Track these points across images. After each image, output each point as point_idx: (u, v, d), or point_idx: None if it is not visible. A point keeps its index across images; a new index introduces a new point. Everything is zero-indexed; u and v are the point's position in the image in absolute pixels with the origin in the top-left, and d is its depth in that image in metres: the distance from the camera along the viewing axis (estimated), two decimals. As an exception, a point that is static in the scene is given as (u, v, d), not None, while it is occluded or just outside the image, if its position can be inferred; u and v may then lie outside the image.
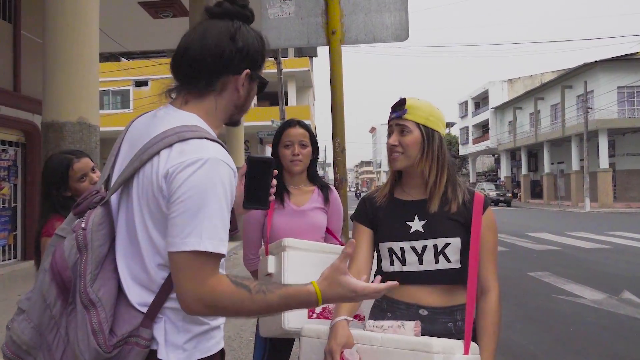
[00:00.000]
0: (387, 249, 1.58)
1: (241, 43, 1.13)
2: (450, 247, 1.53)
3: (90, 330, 1.01)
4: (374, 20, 2.57)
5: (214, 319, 1.14)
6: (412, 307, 1.54)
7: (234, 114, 1.21)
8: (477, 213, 1.55)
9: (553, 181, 31.34)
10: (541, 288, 6.55)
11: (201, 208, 1.00)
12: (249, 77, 1.16)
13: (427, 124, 1.56)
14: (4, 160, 7.99)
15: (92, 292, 1.03)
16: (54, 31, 4.11)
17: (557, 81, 31.18)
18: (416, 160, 1.56)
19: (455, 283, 1.55)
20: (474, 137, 46.32)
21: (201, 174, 1.01)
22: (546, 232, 13.45)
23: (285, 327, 1.75)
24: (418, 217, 1.57)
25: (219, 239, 1.02)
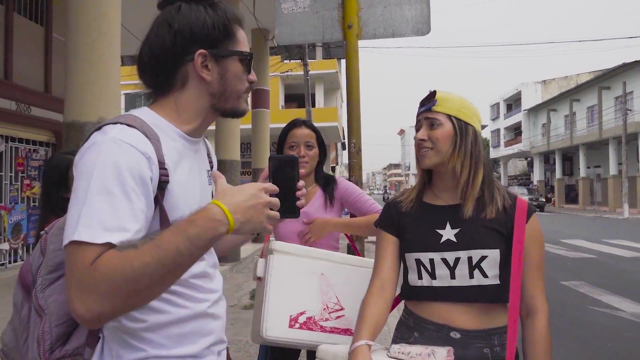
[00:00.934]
0: (415, 260, 1.39)
1: (178, 25, 1.00)
2: (488, 260, 1.33)
3: (35, 338, 0.94)
4: (393, 13, 2.42)
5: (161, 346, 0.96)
6: (442, 328, 1.35)
7: (216, 104, 1.05)
8: (519, 221, 1.35)
9: (589, 186, 30.26)
10: (576, 299, 6.22)
11: (85, 193, 0.84)
12: (212, 57, 1.01)
13: (460, 116, 1.38)
14: (35, 160, 8.18)
15: (42, 297, 0.96)
16: (75, 31, 4.13)
17: (594, 82, 30.10)
18: (447, 157, 1.37)
19: (492, 302, 1.35)
20: (505, 140, 45.27)
21: (90, 155, 0.88)
22: (581, 239, 12.90)
23: (263, 335, 1.63)
24: (450, 225, 1.37)
25: (101, 227, 0.82)
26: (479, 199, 1.38)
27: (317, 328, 1.68)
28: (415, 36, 2.38)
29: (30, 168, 8.08)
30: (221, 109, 1.06)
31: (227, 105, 1.06)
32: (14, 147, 7.73)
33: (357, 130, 2.40)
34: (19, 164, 7.84)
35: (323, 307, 1.70)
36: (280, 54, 20.79)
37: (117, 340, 0.95)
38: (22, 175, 7.88)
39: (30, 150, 8.08)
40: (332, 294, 1.73)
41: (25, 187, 7.94)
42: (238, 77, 1.05)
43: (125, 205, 0.85)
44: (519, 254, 1.32)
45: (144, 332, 0.95)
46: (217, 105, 1.06)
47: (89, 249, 0.81)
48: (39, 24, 8.24)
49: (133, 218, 0.86)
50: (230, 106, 1.06)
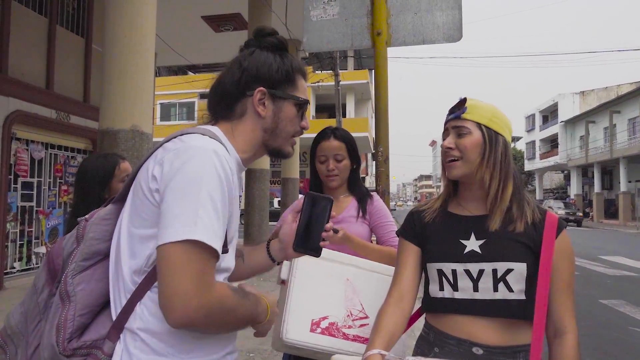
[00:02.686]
0: (437, 270, 1.34)
1: (247, 63, 1.12)
2: (514, 273, 1.27)
3: (54, 325, 0.95)
4: (423, 20, 2.38)
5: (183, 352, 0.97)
6: (464, 343, 1.29)
7: (266, 140, 1.14)
8: (549, 236, 1.29)
9: (630, 200, 29.05)
10: (616, 318, 5.93)
11: (195, 196, 0.91)
12: (270, 96, 1.12)
13: (490, 125, 1.32)
14: (73, 167, 8.45)
15: (71, 283, 0.97)
16: (112, 41, 4.26)
17: (636, 93, 29.01)
18: (475, 167, 1.32)
19: (517, 318, 1.28)
20: (541, 152, 44.08)
21: (196, 161, 0.94)
22: (621, 256, 12.34)
23: (283, 338, 1.58)
24: (475, 236, 1.32)
25: (214, 233, 0.91)
26: (507, 212, 1.33)
27: (339, 335, 1.62)
28: (446, 43, 2.33)
29: (68, 174, 8.35)
30: (270, 145, 1.15)
31: (275, 143, 1.15)
32: (53, 154, 8.01)
33: (385, 138, 2.36)
34: (57, 170, 8.12)
35: (347, 314, 1.65)
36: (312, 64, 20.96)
37: (139, 343, 0.95)
38: (60, 181, 8.15)
39: (69, 157, 8.36)
40: (357, 301, 1.68)
41: (62, 193, 8.20)
42: (290, 119, 1.15)
43: (223, 215, 0.96)
44: (547, 269, 1.25)
45: (168, 336, 0.96)
46: (268, 142, 1.15)
47: (211, 254, 0.92)
48: (80, 35, 8.55)
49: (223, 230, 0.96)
50: (278, 145, 1.16)
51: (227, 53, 12.62)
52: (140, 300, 0.96)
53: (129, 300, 0.96)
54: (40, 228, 7.71)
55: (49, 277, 1.04)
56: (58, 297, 0.98)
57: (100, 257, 1.02)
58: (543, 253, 1.27)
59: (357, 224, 1.98)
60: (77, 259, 1.00)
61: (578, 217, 29.41)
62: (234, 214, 1.05)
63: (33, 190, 7.63)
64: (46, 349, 0.94)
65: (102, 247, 1.03)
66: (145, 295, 0.96)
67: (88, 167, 2.14)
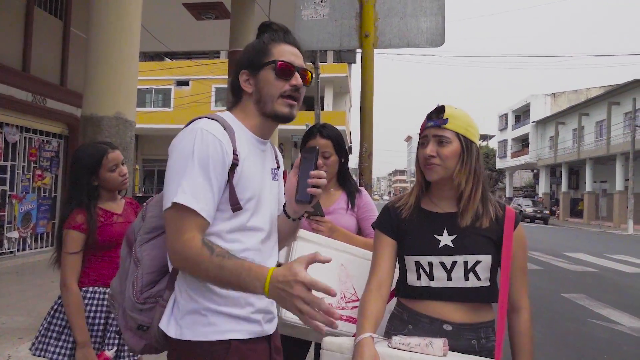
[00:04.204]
0: (414, 262, 1.50)
1: (239, 57, 1.35)
2: (481, 264, 1.46)
3: (131, 282, 1.24)
4: (409, 24, 2.51)
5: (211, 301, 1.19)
6: (436, 321, 1.47)
7: (260, 109, 1.29)
8: (508, 229, 1.48)
9: (594, 200, 30.15)
10: (575, 311, 6.27)
11: (182, 168, 1.13)
12: (251, 74, 1.29)
13: (466, 135, 1.49)
14: (48, 151, 8.32)
15: (139, 251, 1.25)
16: (97, 27, 4.24)
17: (604, 97, 30.03)
18: (453, 172, 1.48)
19: (484, 301, 1.49)
20: (512, 151, 45.15)
21: (184, 139, 1.17)
22: (584, 253, 12.89)
23: (282, 316, 1.71)
24: (447, 231, 1.49)
25: (193, 197, 1.12)
26: (475, 210, 1.50)
27: None
28: (429, 47, 2.46)
29: (43, 159, 8.22)
30: (265, 112, 1.30)
31: (266, 108, 1.29)
32: (28, 138, 7.88)
33: (369, 135, 2.49)
34: (32, 154, 7.99)
35: (340, 297, 1.79)
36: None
37: (182, 291, 1.20)
38: (34, 166, 8.02)
39: (44, 141, 8.22)
40: (350, 284, 1.82)
41: (36, 178, 8.08)
42: (270, 82, 1.27)
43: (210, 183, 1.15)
44: (508, 258, 1.45)
45: (203, 287, 1.19)
46: (262, 110, 1.30)
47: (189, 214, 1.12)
48: (59, 17, 8.39)
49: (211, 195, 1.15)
50: (269, 109, 1.28)
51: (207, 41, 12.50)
52: None
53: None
54: (13, 212, 7.59)
55: (128, 249, 1.32)
56: (132, 262, 1.26)
57: (160, 231, 1.26)
58: (505, 245, 1.47)
59: (346, 215, 2.11)
60: (141, 233, 1.28)
61: (545, 215, 30.33)
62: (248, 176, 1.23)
63: (6, 174, 7.49)
64: (128, 300, 1.24)
65: (160, 223, 1.26)
66: None
67: (79, 156, 2.19)
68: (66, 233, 2.02)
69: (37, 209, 8.09)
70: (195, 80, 24.06)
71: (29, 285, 5.96)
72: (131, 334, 1.28)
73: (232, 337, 1.17)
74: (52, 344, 2.05)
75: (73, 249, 2.00)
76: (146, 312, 1.22)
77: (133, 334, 1.27)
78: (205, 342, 1.16)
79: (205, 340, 1.16)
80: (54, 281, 6.04)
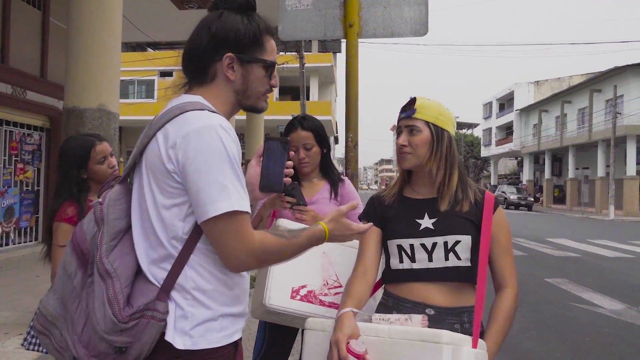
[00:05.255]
0: (397, 246, 1.56)
1: (214, 28, 1.17)
2: (461, 244, 1.51)
3: (105, 300, 1.05)
4: (392, 14, 2.52)
5: (224, 305, 1.14)
6: (418, 305, 1.51)
7: (239, 100, 1.23)
8: (487, 212, 1.54)
9: (577, 187, 30.67)
10: (558, 295, 6.41)
11: (219, 171, 1.05)
12: (238, 60, 1.18)
13: (437, 123, 1.55)
14: (29, 145, 8.18)
15: (108, 262, 1.08)
16: (78, 18, 4.17)
17: (586, 84, 30.43)
18: (425, 160, 1.55)
19: (464, 281, 1.53)
20: (497, 139, 45.63)
21: (208, 140, 1.05)
22: (566, 239, 13.15)
23: (266, 303, 1.74)
24: (428, 215, 1.55)
25: (242, 199, 1.07)
26: (454, 194, 1.56)
27: (316, 301, 1.79)
28: (413, 37, 2.48)
29: (24, 152, 8.09)
30: (243, 104, 1.25)
31: (247, 102, 1.25)
32: (8, 131, 7.73)
33: (355, 125, 2.51)
34: (13, 147, 7.85)
35: (323, 283, 1.82)
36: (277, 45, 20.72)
37: (191, 301, 1.10)
38: (15, 159, 7.89)
39: (25, 134, 8.08)
40: (332, 271, 1.85)
41: (18, 171, 7.95)
42: (259, 80, 1.23)
43: (243, 180, 1.11)
44: (487, 239, 1.51)
45: (214, 292, 1.12)
46: (241, 101, 1.24)
47: (246, 216, 1.08)
48: (37, 7, 8.21)
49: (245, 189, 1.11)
50: (250, 103, 1.25)
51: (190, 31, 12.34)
52: (186, 263, 1.10)
53: (175, 264, 1.09)
54: (-5, 207, 7.48)
55: (79, 262, 1.13)
56: (98, 277, 1.07)
57: (123, 233, 1.14)
58: (484, 226, 1.52)
59: (330, 205, 2.13)
60: (105, 240, 1.10)
61: (529, 201, 30.80)
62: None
63: (-13, 168, 7.37)
64: (102, 322, 1.04)
65: (123, 224, 1.14)
66: (189, 258, 1.10)
67: (66, 149, 2.17)
68: (57, 226, 2.02)
69: (19, 203, 7.98)
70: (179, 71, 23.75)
71: (14, 280, 5.90)
72: None
73: (236, 337, 1.16)
74: None
75: (64, 241, 1.99)
76: (128, 331, 1.05)
77: None
78: (219, 347, 1.11)
79: (219, 346, 1.11)
80: (39, 275, 5.98)
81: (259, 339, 2.15)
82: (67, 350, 1.12)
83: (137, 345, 1.06)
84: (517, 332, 4.58)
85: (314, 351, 1.47)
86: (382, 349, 1.31)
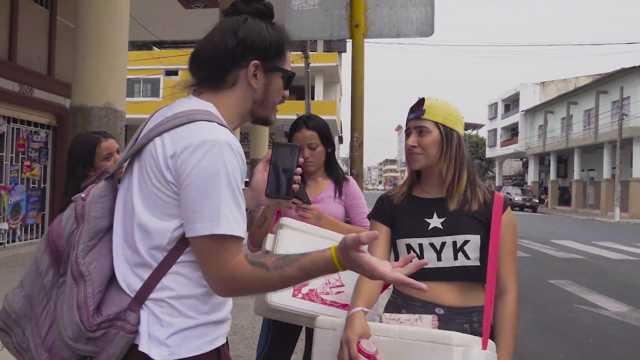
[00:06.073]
0: (405, 245, 1.57)
1: (242, 34, 1.12)
2: (470, 244, 1.51)
3: (75, 304, 0.98)
4: (398, 14, 2.53)
5: (205, 313, 1.07)
6: (428, 305, 1.52)
7: (254, 109, 1.18)
8: (497, 212, 1.54)
9: (582, 188, 30.53)
10: (562, 297, 6.40)
11: (215, 191, 0.98)
12: (262, 69, 1.14)
13: (446, 123, 1.55)
14: (36, 142, 8.24)
15: (83, 264, 1.01)
16: (85, 16, 4.20)
17: (592, 86, 30.27)
18: (435, 160, 1.55)
19: (473, 281, 1.53)
20: (502, 140, 45.46)
21: (211, 156, 0.99)
22: (571, 240, 13.10)
23: (268, 301, 1.75)
24: (437, 215, 1.55)
25: (235, 222, 1.00)
26: (463, 194, 1.56)
27: (318, 300, 1.80)
28: (418, 37, 2.49)
29: (31, 150, 8.14)
30: (257, 114, 1.20)
31: (263, 112, 1.20)
32: (16, 129, 7.79)
33: (360, 125, 2.52)
34: (20, 145, 7.91)
35: (325, 282, 1.83)
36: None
37: (167, 309, 1.02)
38: (22, 157, 7.94)
39: (32, 132, 8.14)
40: None
41: (25, 169, 8.01)
42: (278, 90, 1.20)
43: (242, 203, 1.03)
44: (496, 239, 1.50)
45: (194, 300, 1.05)
46: (255, 111, 1.19)
47: (233, 241, 1.00)
48: (44, 6, 8.26)
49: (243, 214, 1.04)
50: (265, 114, 1.21)
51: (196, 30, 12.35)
52: (166, 273, 1.03)
53: (152, 274, 1.02)
54: (2, 204, 7.53)
55: (52, 259, 1.07)
56: (71, 278, 1.00)
57: (103, 233, 1.07)
58: (493, 226, 1.52)
59: (334, 203, 2.15)
60: (83, 239, 1.03)
61: (534, 203, 30.67)
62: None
63: (-5, 165, 7.43)
64: (69, 327, 0.98)
65: (104, 224, 1.07)
66: (171, 269, 1.03)
67: (74, 146, 2.19)
68: None
69: (26, 200, 8.03)
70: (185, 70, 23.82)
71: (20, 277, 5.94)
72: None
73: (219, 343, 1.09)
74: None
75: None
76: (94, 340, 0.98)
77: None
78: (199, 355, 1.04)
79: (200, 353, 1.04)
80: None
81: (263, 334, 2.17)
82: (28, 351, 1.06)
83: (102, 356, 1.00)
84: (520, 333, 4.55)
85: (324, 350, 1.48)
86: (392, 349, 1.32)
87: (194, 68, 1.18)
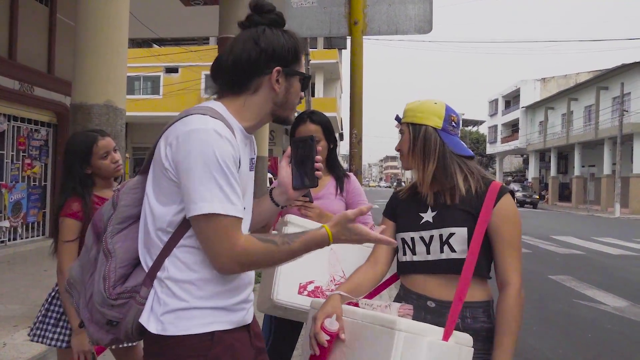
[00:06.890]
0: (401, 239, 1.61)
1: (264, 44, 1.23)
2: (456, 237, 1.49)
3: (102, 276, 1.17)
4: (397, 11, 2.54)
5: (200, 298, 1.16)
6: (422, 298, 1.55)
7: (275, 111, 1.29)
8: (487, 203, 1.49)
9: (583, 184, 30.53)
10: (562, 292, 6.42)
11: (206, 174, 1.09)
12: (284, 74, 1.25)
13: (414, 121, 1.58)
14: (36, 140, 8.26)
15: (110, 242, 1.19)
16: (85, 14, 4.20)
17: (593, 82, 30.23)
18: (410, 158, 1.60)
19: (458, 273, 1.48)
20: (502, 136, 45.42)
21: (198, 142, 1.10)
22: (571, 236, 13.13)
23: (274, 299, 1.77)
24: (431, 209, 1.58)
25: (228, 202, 1.11)
26: (454, 186, 1.54)
27: (323, 297, 1.82)
28: (417, 34, 2.50)
29: (32, 148, 8.16)
30: (278, 115, 1.31)
31: (284, 113, 1.32)
32: (16, 127, 7.81)
33: (359, 121, 2.53)
34: (21, 143, 7.93)
35: (330, 279, 1.85)
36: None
37: (165, 290, 1.16)
38: (23, 155, 7.97)
39: (32, 130, 8.16)
40: (339, 268, 1.88)
41: (26, 167, 8.03)
42: (297, 93, 1.31)
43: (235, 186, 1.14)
44: (481, 231, 1.47)
45: (189, 285, 1.16)
46: (276, 112, 1.30)
47: (233, 220, 1.11)
48: (44, 4, 8.27)
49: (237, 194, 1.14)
50: (286, 114, 1.33)
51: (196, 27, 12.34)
52: (168, 255, 1.16)
53: (159, 255, 1.17)
54: (3, 202, 7.56)
55: (95, 238, 1.27)
56: (102, 254, 1.20)
57: (132, 220, 1.23)
58: (480, 217, 1.48)
59: (336, 200, 2.16)
60: (113, 223, 1.22)
61: (534, 199, 30.68)
62: (241, 173, 1.19)
63: (-5, 163, 7.44)
64: (97, 294, 1.18)
65: (134, 212, 1.24)
66: (172, 251, 1.16)
67: (70, 144, 2.20)
68: (62, 221, 2.04)
69: (27, 198, 8.06)
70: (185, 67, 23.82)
71: (21, 274, 5.98)
72: (97, 328, 1.21)
73: (215, 328, 1.16)
74: (50, 330, 2.09)
75: (69, 237, 2.02)
76: (118, 307, 1.16)
77: (99, 328, 1.21)
78: (189, 335, 1.14)
79: (189, 333, 1.14)
80: (47, 270, 6.05)
81: (265, 331, 2.18)
82: (80, 310, 1.27)
83: (124, 322, 1.17)
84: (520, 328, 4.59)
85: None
86: (351, 330, 1.37)
87: (216, 77, 1.29)
